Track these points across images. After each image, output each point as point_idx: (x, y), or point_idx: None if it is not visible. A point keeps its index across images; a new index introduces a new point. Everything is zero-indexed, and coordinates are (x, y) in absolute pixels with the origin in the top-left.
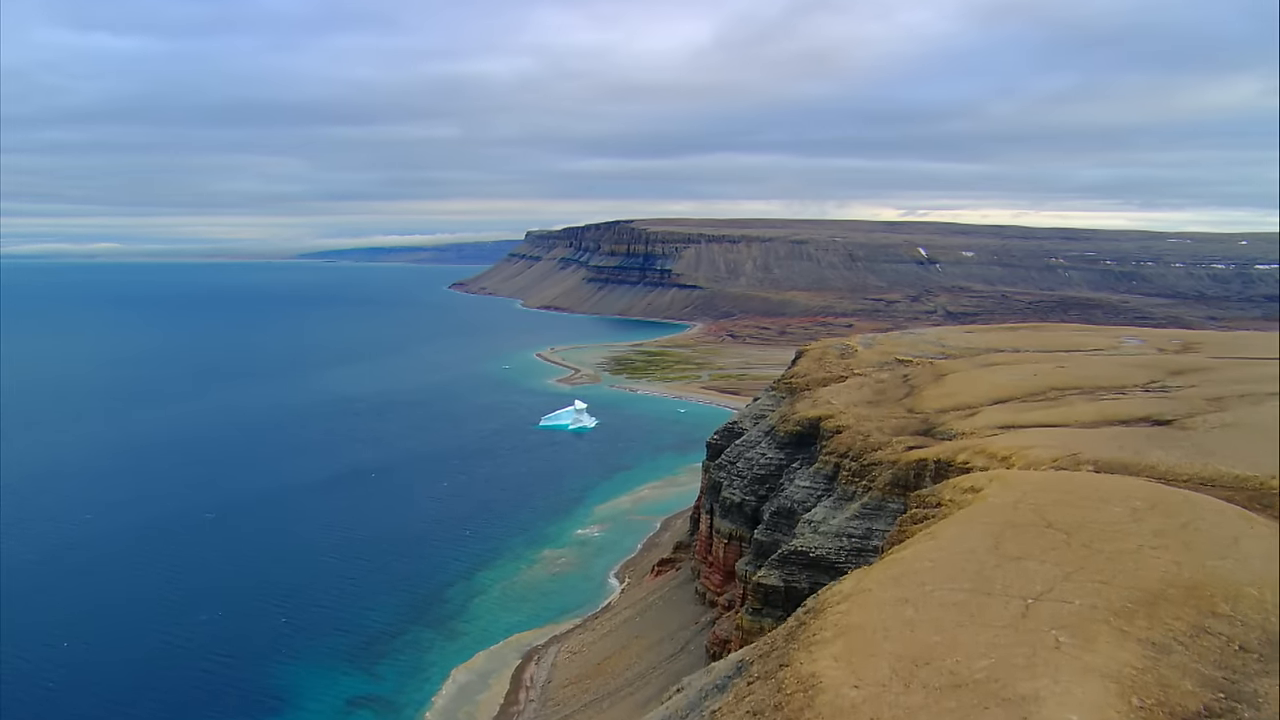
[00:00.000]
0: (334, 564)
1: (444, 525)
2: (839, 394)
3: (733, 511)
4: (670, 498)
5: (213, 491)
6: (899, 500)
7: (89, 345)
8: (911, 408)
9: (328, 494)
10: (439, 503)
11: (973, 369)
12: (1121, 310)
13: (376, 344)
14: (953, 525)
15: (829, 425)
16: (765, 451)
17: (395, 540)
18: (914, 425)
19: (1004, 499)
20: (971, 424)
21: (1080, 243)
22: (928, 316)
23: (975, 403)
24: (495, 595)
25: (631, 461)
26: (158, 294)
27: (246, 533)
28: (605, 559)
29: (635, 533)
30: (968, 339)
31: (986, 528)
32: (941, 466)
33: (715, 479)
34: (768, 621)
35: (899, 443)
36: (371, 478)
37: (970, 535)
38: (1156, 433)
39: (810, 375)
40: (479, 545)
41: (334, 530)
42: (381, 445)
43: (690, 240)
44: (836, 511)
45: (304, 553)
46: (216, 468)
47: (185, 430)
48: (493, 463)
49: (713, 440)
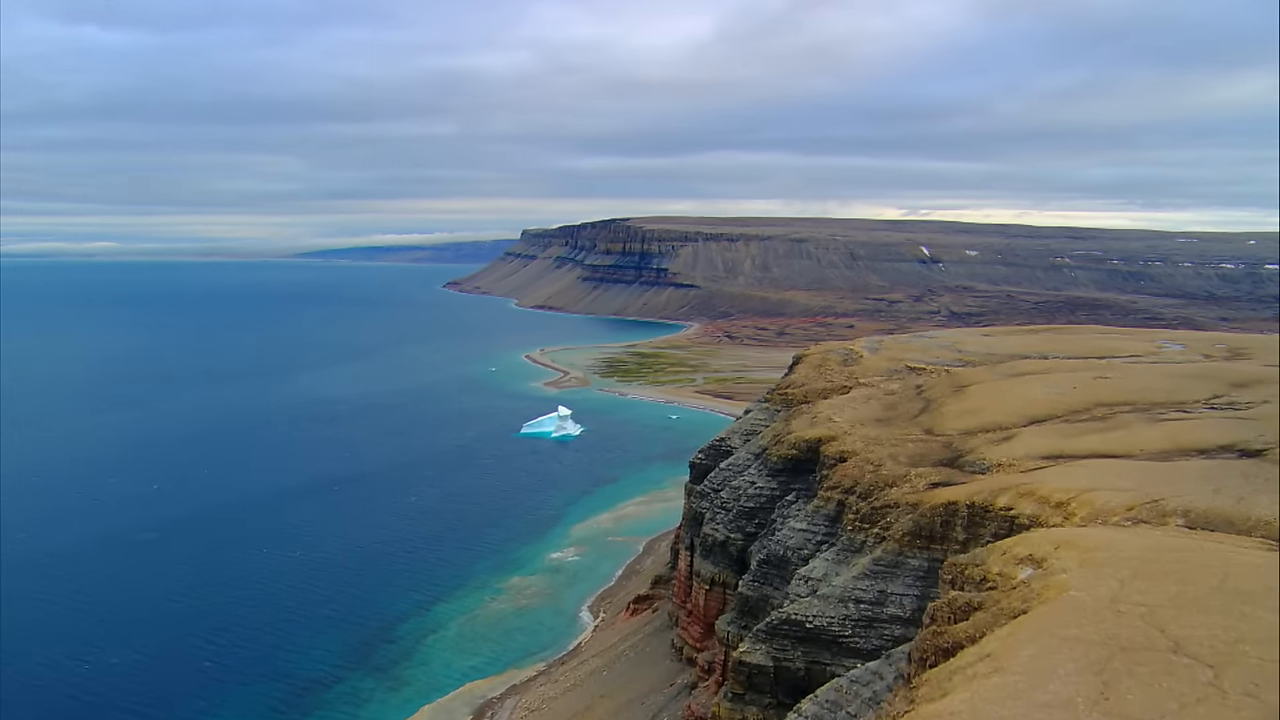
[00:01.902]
0: (277, 593)
1: (406, 546)
2: (842, 409)
3: (715, 552)
4: (656, 515)
5: (158, 506)
6: (922, 555)
7: (71, 345)
8: (930, 428)
9: (284, 509)
10: (404, 520)
11: (998, 379)
12: (1130, 311)
13: (363, 344)
14: (1023, 643)
15: (831, 450)
16: (755, 479)
17: (349, 564)
18: (935, 452)
19: (1093, 592)
20: (1008, 451)
21: (1086, 242)
22: (931, 317)
23: (1008, 422)
24: (452, 633)
25: (616, 473)
26: (153, 293)
27: (186, 555)
28: (579, 588)
29: (615, 557)
30: (987, 343)
31: (1079, 652)
32: (977, 513)
33: (697, 509)
34: (751, 711)
35: (918, 476)
36: (334, 491)
37: (1056, 667)
38: (1250, 467)
39: (809, 385)
40: (442, 571)
41: (283, 552)
42: (352, 453)
43: (687, 238)
44: (841, 566)
45: (245, 579)
46: (168, 479)
47: (143, 437)
48: (468, 474)
49: (697, 460)
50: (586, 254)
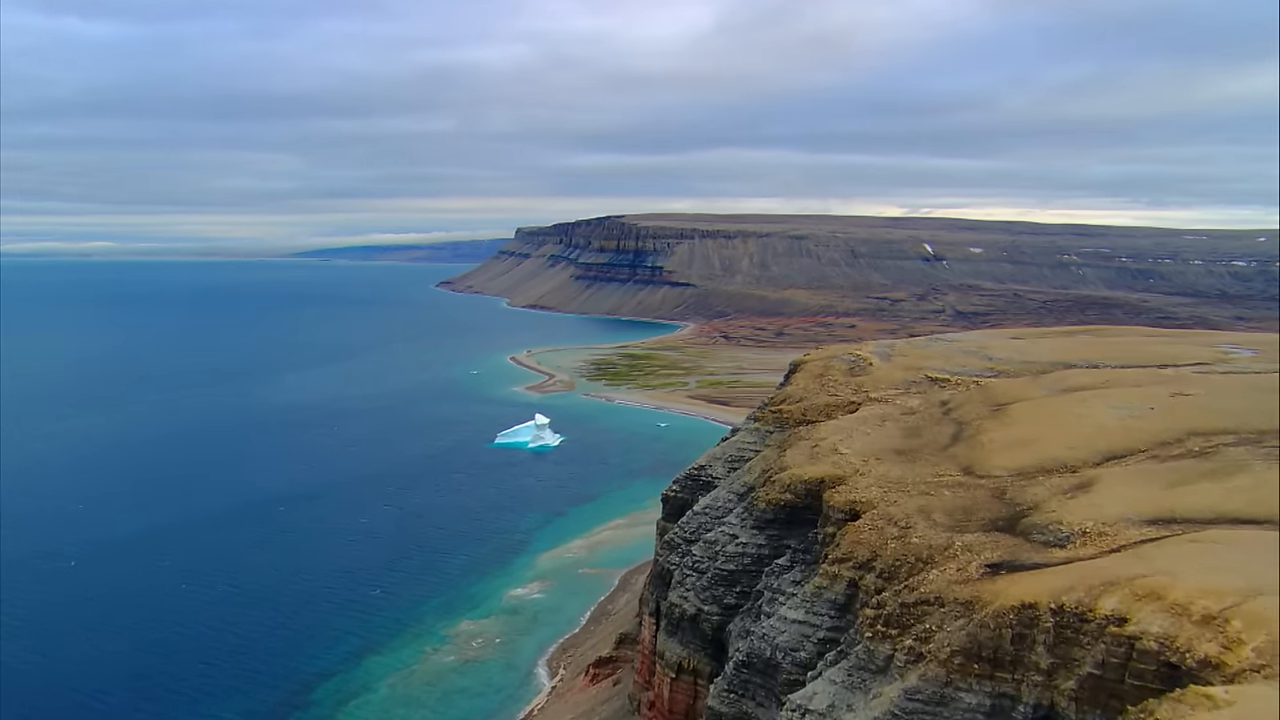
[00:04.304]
0: (187, 640)
1: (348, 580)
2: (850, 435)
3: (684, 628)
4: (635, 541)
5: (85, 529)
6: (982, 689)
7: (49, 345)
8: (969, 464)
9: (220, 533)
10: (352, 546)
11: (1046, 395)
12: (1141, 310)
13: (346, 346)
14: None
15: (838, 500)
16: (737, 531)
17: (280, 603)
18: (982, 505)
19: None
20: (1092, 510)
21: (1093, 239)
22: (935, 316)
23: (1075, 459)
24: (379, 697)
25: (594, 490)
26: (147, 293)
27: (99, 589)
28: (539, 635)
29: (584, 593)
30: (1019, 348)
31: None
32: (1070, 623)
33: (664, 564)
34: None
35: (966, 549)
36: (281, 510)
37: None
38: None
39: (808, 400)
40: (383, 613)
41: (206, 588)
42: (310, 465)
43: (683, 236)
44: (855, 694)
45: (154, 622)
46: (98, 497)
47: (89, 446)
48: (432, 490)
49: (671, 493)
50: (580, 252)
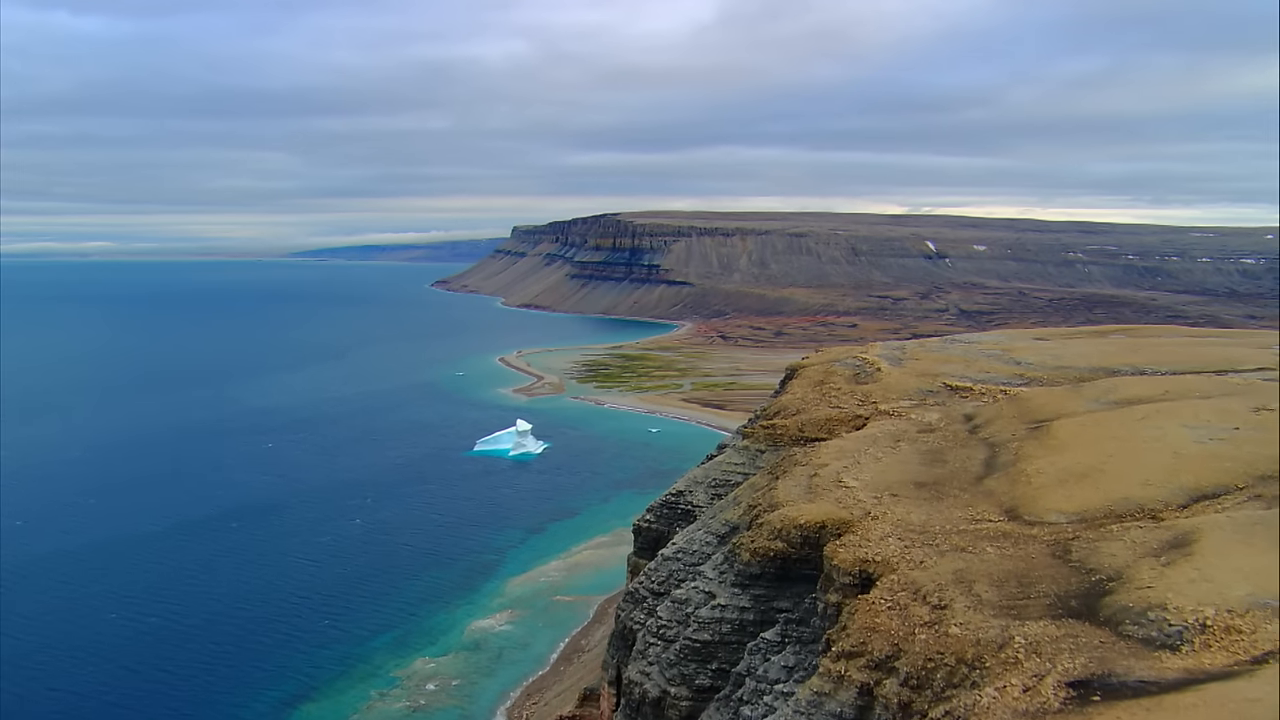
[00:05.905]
0: (99, 681)
1: (297, 609)
2: (858, 459)
3: (646, 714)
4: (617, 563)
5: (17, 548)
6: None
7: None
8: (1013, 506)
9: (164, 554)
10: (308, 568)
11: (1096, 409)
12: (1150, 308)
13: (333, 346)
14: None
15: (844, 558)
16: (715, 589)
17: (217, 635)
18: (1042, 570)
19: None
20: (1202, 584)
21: (1099, 236)
22: (939, 315)
23: (1153, 500)
24: None
25: (576, 504)
26: (144, 293)
27: (8, 619)
28: (501, 678)
29: (556, 625)
30: (1049, 351)
31: None
32: None
33: (626, 622)
34: None
35: (1031, 651)
36: (235, 527)
37: None
38: None
39: (806, 413)
40: (329, 648)
41: (138, 618)
42: (276, 475)
43: (680, 233)
44: None
45: (67, 658)
46: (40, 512)
47: (42, 455)
48: (403, 503)
49: (644, 524)
50: (576, 250)
